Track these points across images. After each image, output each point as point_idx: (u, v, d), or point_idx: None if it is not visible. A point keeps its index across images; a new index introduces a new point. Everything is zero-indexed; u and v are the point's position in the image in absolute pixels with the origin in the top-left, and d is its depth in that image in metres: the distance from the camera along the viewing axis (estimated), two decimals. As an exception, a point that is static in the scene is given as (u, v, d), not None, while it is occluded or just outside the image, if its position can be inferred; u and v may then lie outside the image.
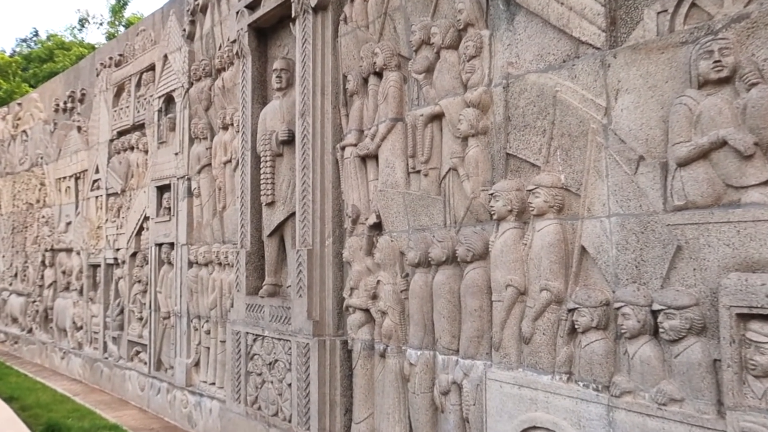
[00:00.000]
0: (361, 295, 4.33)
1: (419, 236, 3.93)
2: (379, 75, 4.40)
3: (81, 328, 9.09)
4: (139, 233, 7.76)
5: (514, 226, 3.31)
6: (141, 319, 7.65)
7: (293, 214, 5.03)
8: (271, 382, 4.96)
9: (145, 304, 7.58)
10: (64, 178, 9.82)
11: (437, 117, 3.89)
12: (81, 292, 9.13)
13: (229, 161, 6.07)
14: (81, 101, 9.56)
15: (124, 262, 8.03)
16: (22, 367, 9.69)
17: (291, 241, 5.10)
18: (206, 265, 6.35)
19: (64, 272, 9.71)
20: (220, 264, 6.15)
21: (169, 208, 7.04)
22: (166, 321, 7.08)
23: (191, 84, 6.75)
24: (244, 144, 5.56)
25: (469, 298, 3.51)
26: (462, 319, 3.58)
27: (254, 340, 5.20)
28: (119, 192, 8.19)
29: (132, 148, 8.09)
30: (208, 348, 6.29)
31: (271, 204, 5.18)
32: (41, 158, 10.65)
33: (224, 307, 5.99)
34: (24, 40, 27.17)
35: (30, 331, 10.73)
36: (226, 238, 6.09)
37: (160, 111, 7.35)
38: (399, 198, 4.14)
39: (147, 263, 7.57)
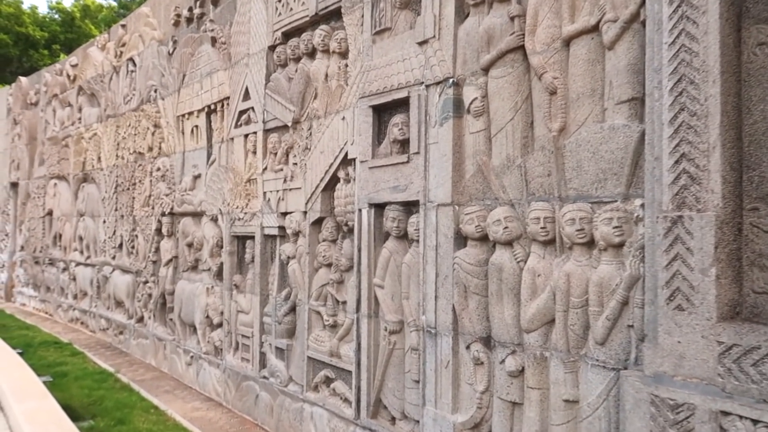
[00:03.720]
0: None
1: None
2: None
3: (219, 325, 6.34)
4: (329, 187, 4.81)
5: None
6: (333, 326, 4.74)
7: None
8: None
9: (343, 303, 4.65)
10: (190, 114, 7.04)
11: None
12: (218, 275, 6.36)
13: (594, 29, 2.92)
14: (215, 2, 6.70)
15: (298, 233, 5.12)
16: (134, 372, 7.10)
17: None
18: (509, 244, 3.29)
19: (190, 245, 6.99)
20: (548, 242, 3.08)
21: (403, 142, 4.03)
22: (394, 337, 4.11)
23: None
24: (687, -33, 2.38)
25: None
26: None
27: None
28: (289, 124, 5.25)
29: (311, 54, 5.12)
30: (515, 404, 3.25)
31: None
32: (155, 91, 7.93)
33: (573, 332, 2.92)
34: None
35: (140, 320, 8.17)
36: (571, 191, 2.99)
37: (377, -22, 4.30)
38: None
39: (346, 236, 4.63)
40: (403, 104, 4.06)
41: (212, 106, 6.57)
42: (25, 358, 6.31)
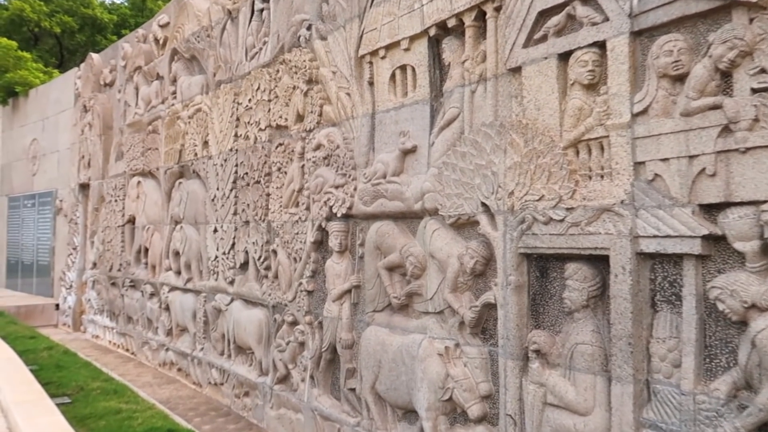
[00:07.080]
0: None
1: None
2: None
3: (480, 421, 3.41)
4: None
5: None
6: None
7: None
8: None
9: None
10: (391, 47, 4.18)
11: None
12: (476, 327, 3.44)
13: None
14: None
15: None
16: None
17: None
18: None
19: (394, 269, 4.11)
20: None
21: None
22: None
23: None
24: None
25: None
26: None
27: None
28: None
29: None
30: None
31: None
32: (308, 29, 5.14)
33: None
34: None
35: (283, 380, 5.35)
36: None
37: None
38: None
39: None
40: None
41: (447, 24, 3.69)
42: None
